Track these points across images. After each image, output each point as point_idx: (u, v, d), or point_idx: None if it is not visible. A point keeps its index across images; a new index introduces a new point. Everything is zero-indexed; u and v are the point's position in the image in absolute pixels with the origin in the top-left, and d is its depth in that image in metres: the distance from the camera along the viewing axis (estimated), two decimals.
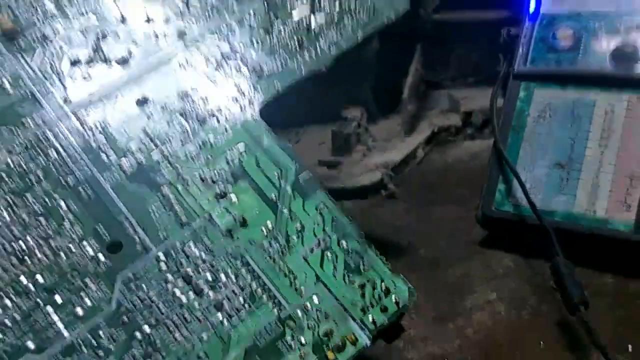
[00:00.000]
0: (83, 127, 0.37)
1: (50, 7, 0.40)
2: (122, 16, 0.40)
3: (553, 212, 0.45)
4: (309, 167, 0.59)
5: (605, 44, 0.48)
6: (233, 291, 0.33)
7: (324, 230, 0.35)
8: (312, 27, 0.41)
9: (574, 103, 0.47)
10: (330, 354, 0.32)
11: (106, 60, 0.39)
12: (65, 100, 0.37)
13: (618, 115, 0.46)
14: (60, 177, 0.35)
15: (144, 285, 0.33)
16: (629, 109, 0.45)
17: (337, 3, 0.42)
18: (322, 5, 0.42)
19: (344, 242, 0.35)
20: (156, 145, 0.37)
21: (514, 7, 0.63)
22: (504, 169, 0.47)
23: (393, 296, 0.33)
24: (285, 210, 0.36)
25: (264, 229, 0.35)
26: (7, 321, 0.32)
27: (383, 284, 0.34)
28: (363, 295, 0.33)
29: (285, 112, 0.44)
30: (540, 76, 0.49)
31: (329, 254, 0.34)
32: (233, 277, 0.34)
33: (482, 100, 0.69)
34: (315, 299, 0.33)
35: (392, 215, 0.56)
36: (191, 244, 0.34)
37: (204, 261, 0.34)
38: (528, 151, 0.47)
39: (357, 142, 0.66)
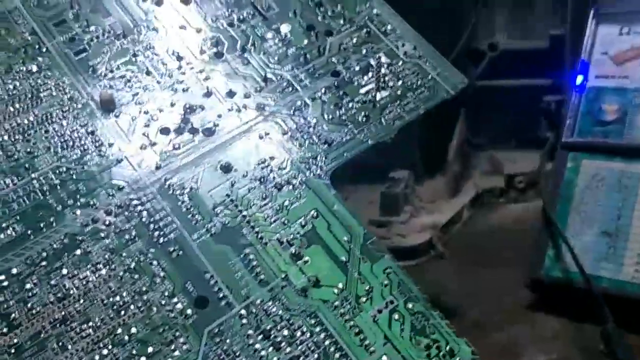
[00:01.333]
0: (173, 191, 0.40)
1: (145, 83, 0.44)
2: (208, 91, 0.44)
3: (600, 279, 0.47)
4: None
5: None
6: (308, 347, 0.36)
7: (391, 293, 0.38)
8: (378, 102, 0.45)
9: (621, 174, 0.50)
10: None
11: (193, 131, 0.43)
12: (157, 167, 0.41)
13: None
14: (153, 237, 0.39)
15: (227, 340, 0.36)
16: None
17: (400, 80, 0.46)
18: (386, 82, 0.46)
19: (410, 305, 0.38)
20: (239, 210, 0.40)
21: (555, 75, 0.67)
22: (554, 235, 0.50)
23: (457, 358, 0.36)
24: (355, 273, 0.39)
25: (335, 289, 0.38)
26: None
27: (448, 345, 0.36)
28: (429, 356, 0.36)
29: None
30: (587, 147, 0.52)
31: (396, 315, 0.37)
32: (308, 334, 0.36)
33: (525, 163, 0.71)
34: (384, 358, 0.36)
35: (440, 276, 0.58)
36: (270, 302, 0.37)
37: (281, 318, 0.37)
38: (576, 219, 0.50)
39: (405, 203, 0.68)
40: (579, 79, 0.55)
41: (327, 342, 0.36)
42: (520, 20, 0.76)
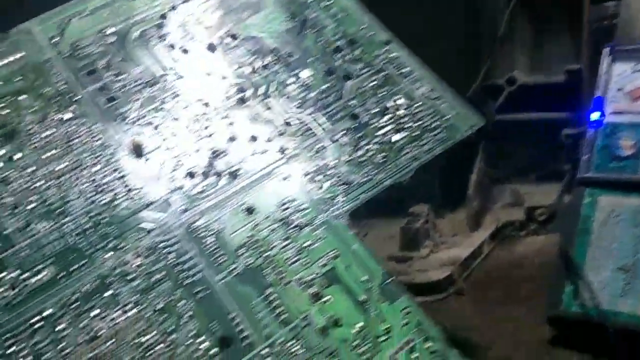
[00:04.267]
0: (198, 234, 0.42)
1: (172, 129, 0.46)
2: (232, 135, 0.46)
3: (618, 314, 0.47)
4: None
5: None
6: None
7: (409, 332, 0.39)
8: (395, 143, 0.46)
9: (637, 209, 0.50)
10: None
11: (218, 174, 0.45)
12: (184, 210, 0.43)
13: None
14: (179, 279, 0.41)
15: None
16: None
17: (417, 122, 0.47)
18: (403, 124, 0.47)
19: (428, 344, 0.39)
20: (261, 251, 0.42)
21: (572, 109, 0.68)
22: (571, 270, 0.50)
23: None
24: (374, 313, 0.40)
25: (354, 329, 0.39)
26: None
27: None
28: None
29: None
30: (603, 183, 0.53)
31: (414, 355, 0.38)
32: None
33: (544, 196, 0.72)
34: None
35: (459, 312, 0.59)
36: (291, 341, 0.39)
37: (303, 358, 0.38)
38: (594, 255, 0.50)
39: (425, 238, 0.69)
40: (595, 115, 0.56)
41: None
42: (537, 56, 0.78)
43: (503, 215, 0.73)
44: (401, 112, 0.47)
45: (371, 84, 0.49)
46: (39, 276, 0.40)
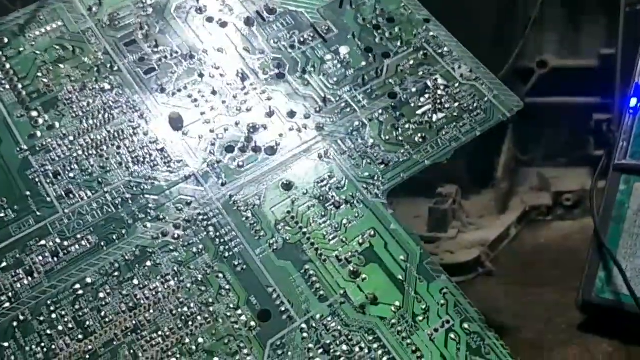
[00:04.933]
0: (237, 208, 0.42)
1: (211, 102, 0.46)
2: (271, 110, 0.46)
3: None
4: None
5: None
6: None
7: (447, 312, 0.39)
8: (434, 123, 0.46)
9: None
10: None
11: (257, 149, 0.44)
12: (223, 184, 0.43)
13: None
14: (219, 251, 0.41)
15: (289, 353, 0.38)
16: None
17: (456, 102, 0.47)
18: (443, 104, 0.47)
19: (466, 325, 0.39)
20: (299, 227, 0.42)
21: (604, 94, 0.67)
22: (605, 257, 0.50)
23: None
24: (412, 292, 0.40)
25: (392, 307, 0.39)
26: None
27: None
28: None
29: None
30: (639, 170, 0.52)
31: (452, 335, 0.38)
32: (366, 350, 0.38)
33: (572, 180, 0.72)
34: None
35: (489, 294, 0.59)
36: (329, 317, 0.39)
37: (340, 334, 0.38)
38: (629, 242, 0.50)
39: (453, 219, 0.69)
40: (633, 101, 0.55)
41: (384, 359, 0.37)
42: (569, 40, 0.77)
43: (529, 199, 0.73)
44: (440, 92, 0.47)
45: (410, 63, 0.48)
46: (80, 244, 0.41)
